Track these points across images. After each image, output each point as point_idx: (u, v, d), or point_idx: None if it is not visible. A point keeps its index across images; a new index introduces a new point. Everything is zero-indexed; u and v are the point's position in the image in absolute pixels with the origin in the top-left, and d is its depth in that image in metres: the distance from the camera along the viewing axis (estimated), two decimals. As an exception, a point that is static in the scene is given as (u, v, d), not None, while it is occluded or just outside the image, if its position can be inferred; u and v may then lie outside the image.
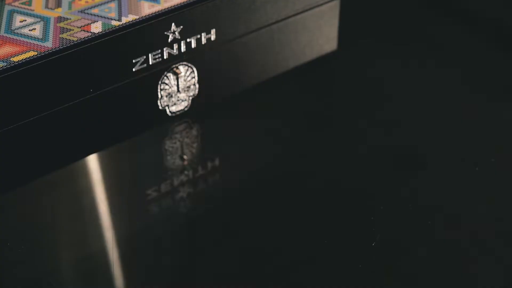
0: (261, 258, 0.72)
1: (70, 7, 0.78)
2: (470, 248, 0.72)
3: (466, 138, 0.84)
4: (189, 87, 0.83)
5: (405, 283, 0.69)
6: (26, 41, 0.73)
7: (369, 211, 0.75)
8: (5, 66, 0.70)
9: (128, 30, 0.75)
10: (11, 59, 0.71)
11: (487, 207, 0.76)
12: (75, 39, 0.73)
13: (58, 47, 0.72)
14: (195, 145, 0.86)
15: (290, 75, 0.92)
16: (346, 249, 0.72)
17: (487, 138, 0.84)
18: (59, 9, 0.77)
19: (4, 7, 0.78)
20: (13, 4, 0.78)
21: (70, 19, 0.76)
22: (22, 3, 0.78)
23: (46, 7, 0.78)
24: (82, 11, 0.77)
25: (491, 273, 0.69)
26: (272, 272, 0.70)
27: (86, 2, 0.79)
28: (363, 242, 0.72)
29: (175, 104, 0.83)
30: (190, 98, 0.84)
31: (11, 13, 0.77)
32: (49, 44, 0.73)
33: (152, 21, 0.76)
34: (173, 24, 0.77)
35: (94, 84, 0.75)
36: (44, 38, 0.73)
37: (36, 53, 0.72)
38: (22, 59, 0.71)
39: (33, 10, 0.77)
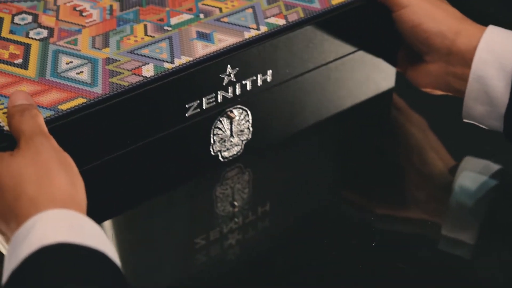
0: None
1: (118, 47, 0.73)
2: None
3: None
4: (242, 131, 0.78)
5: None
6: (74, 86, 0.68)
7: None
8: (52, 115, 0.65)
9: (182, 74, 0.70)
10: (58, 107, 0.66)
11: None
12: (126, 84, 0.68)
13: (108, 93, 0.67)
14: (246, 190, 0.81)
15: (345, 114, 0.87)
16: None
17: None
18: (107, 49, 0.72)
19: (48, 47, 0.73)
20: (58, 43, 0.73)
21: (119, 60, 0.71)
22: (67, 42, 0.73)
23: (93, 46, 0.73)
24: (131, 52, 0.72)
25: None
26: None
27: (135, 41, 0.73)
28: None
29: (228, 149, 0.78)
30: (243, 142, 0.79)
31: (56, 54, 0.72)
32: (98, 90, 0.68)
33: (207, 64, 0.71)
34: (228, 66, 0.72)
35: (145, 130, 0.70)
36: (93, 82, 0.68)
37: (85, 100, 0.67)
38: (70, 107, 0.66)
39: (80, 51, 0.72)
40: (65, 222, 0.55)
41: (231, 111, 0.75)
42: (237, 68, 0.73)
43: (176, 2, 0.78)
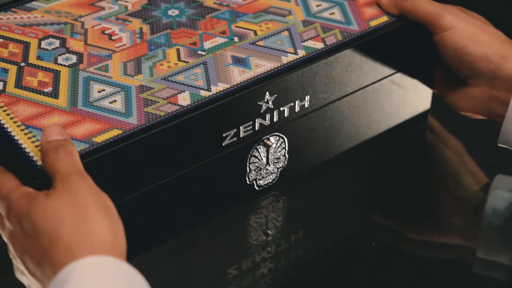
0: None
1: (151, 74, 0.69)
2: None
3: None
4: (278, 158, 0.75)
5: None
6: (108, 117, 0.65)
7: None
8: (87, 148, 0.62)
9: (219, 103, 0.67)
10: (93, 139, 0.63)
11: None
12: (162, 113, 0.65)
13: (144, 124, 0.64)
14: (280, 218, 0.78)
15: (380, 138, 0.84)
16: None
17: None
18: (140, 76, 0.69)
19: (78, 73, 0.69)
20: (88, 69, 0.70)
21: (153, 88, 0.68)
22: (97, 69, 0.70)
23: (125, 73, 0.70)
24: (165, 79, 0.69)
25: None
26: None
27: (169, 67, 0.70)
28: None
29: (263, 177, 0.75)
30: (279, 170, 0.76)
31: (87, 81, 0.69)
32: (133, 121, 0.65)
33: (245, 91, 0.68)
34: (267, 93, 0.69)
35: (179, 162, 0.67)
36: (127, 112, 0.65)
37: (120, 131, 0.63)
38: (105, 140, 0.63)
39: (111, 78, 0.69)
40: (103, 271, 0.52)
41: (268, 139, 0.72)
42: (275, 95, 0.70)
43: (209, 25, 0.75)
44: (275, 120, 0.72)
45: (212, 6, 0.78)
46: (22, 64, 0.70)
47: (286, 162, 0.76)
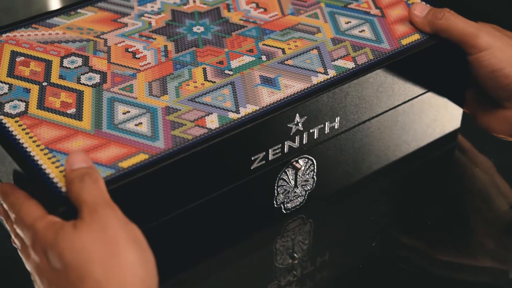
0: None
1: (178, 94, 0.67)
2: None
3: None
4: (307, 181, 0.72)
5: None
6: (133, 140, 0.63)
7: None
8: (113, 174, 0.60)
9: (248, 126, 0.64)
10: (119, 164, 0.60)
11: None
12: (189, 137, 0.63)
13: (171, 148, 0.62)
14: (307, 241, 0.76)
15: (409, 158, 0.81)
16: None
17: None
18: (166, 97, 0.67)
19: (102, 94, 0.67)
20: (112, 89, 0.68)
21: (180, 110, 0.66)
22: (122, 89, 0.68)
23: (150, 94, 0.67)
24: (192, 100, 0.67)
25: None
26: None
27: (195, 87, 0.68)
28: None
29: (291, 200, 0.73)
30: (307, 192, 0.73)
31: (112, 102, 0.66)
32: (160, 144, 0.62)
33: (275, 114, 0.65)
34: (297, 115, 0.67)
35: (207, 186, 0.65)
36: (154, 135, 0.63)
37: (147, 156, 0.61)
38: (132, 165, 0.60)
39: (136, 98, 0.67)
40: None
41: (297, 162, 0.70)
42: (305, 117, 0.68)
43: (235, 43, 0.73)
44: (304, 142, 0.69)
45: (238, 22, 0.76)
46: (44, 83, 0.68)
47: (314, 185, 0.73)
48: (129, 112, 0.65)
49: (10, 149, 0.62)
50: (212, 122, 0.64)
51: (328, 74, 0.69)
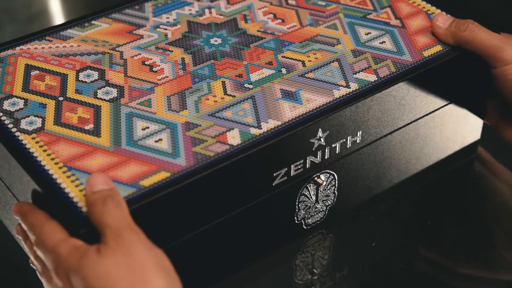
0: None
1: (197, 109, 0.66)
2: None
3: None
4: (328, 195, 0.71)
5: None
6: (154, 157, 0.61)
7: None
8: (134, 193, 0.58)
9: (271, 142, 0.63)
10: (140, 182, 0.59)
11: None
12: (211, 154, 0.61)
13: (193, 166, 0.60)
14: (326, 257, 0.74)
15: (429, 170, 0.80)
16: None
17: None
18: (185, 112, 0.65)
19: (120, 109, 0.66)
20: (130, 104, 0.66)
21: (200, 125, 0.64)
22: (140, 103, 0.66)
23: (170, 109, 0.66)
24: (212, 115, 0.65)
25: None
26: None
27: (215, 101, 0.67)
28: None
29: (311, 216, 0.71)
30: (328, 207, 0.72)
31: (130, 117, 0.65)
32: (181, 162, 0.61)
33: (298, 129, 0.64)
34: (319, 130, 0.65)
35: (227, 204, 0.64)
36: (174, 152, 0.62)
37: (169, 174, 0.60)
38: (153, 184, 0.59)
39: (155, 113, 0.65)
40: None
41: (319, 177, 0.69)
42: (328, 132, 0.66)
43: (254, 55, 0.72)
44: (326, 157, 0.68)
45: (256, 34, 0.74)
46: (61, 98, 0.67)
47: (335, 199, 0.72)
48: (148, 128, 0.64)
49: (27, 167, 0.60)
50: (234, 138, 0.63)
51: (350, 88, 0.68)
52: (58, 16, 1.10)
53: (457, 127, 0.79)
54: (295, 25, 0.75)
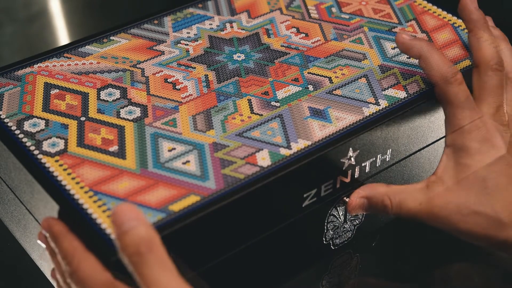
0: None
1: (224, 129, 0.64)
2: None
3: None
4: (356, 215, 0.69)
5: None
6: (182, 181, 0.59)
7: None
8: (164, 218, 0.56)
9: (302, 163, 0.61)
10: (169, 207, 0.57)
11: None
12: (241, 176, 0.60)
13: (223, 189, 0.59)
14: (353, 276, 0.72)
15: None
16: None
17: None
18: (212, 132, 0.64)
19: (144, 129, 0.64)
20: (154, 124, 0.64)
21: (228, 146, 0.62)
22: (165, 123, 0.64)
23: (196, 129, 0.64)
24: (240, 134, 0.63)
25: None
26: None
27: (242, 121, 0.65)
28: None
29: (339, 236, 0.69)
30: (355, 227, 0.70)
31: (155, 138, 0.63)
32: (211, 185, 0.59)
33: (328, 149, 0.62)
34: (350, 149, 0.64)
35: (256, 227, 0.62)
36: (203, 175, 0.60)
37: (198, 198, 0.58)
38: (183, 208, 0.57)
39: (181, 134, 0.63)
40: None
41: (347, 196, 0.67)
42: (358, 151, 0.64)
43: (279, 71, 0.70)
44: (356, 177, 0.66)
45: (280, 49, 0.72)
46: (83, 118, 0.65)
47: (363, 219, 0.70)
48: (174, 149, 0.62)
49: (52, 192, 0.58)
50: (264, 159, 0.61)
51: (380, 105, 0.66)
52: (58, 16, 1.08)
53: (484, 142, 0.77)
54: (319, 39, 0.74)
